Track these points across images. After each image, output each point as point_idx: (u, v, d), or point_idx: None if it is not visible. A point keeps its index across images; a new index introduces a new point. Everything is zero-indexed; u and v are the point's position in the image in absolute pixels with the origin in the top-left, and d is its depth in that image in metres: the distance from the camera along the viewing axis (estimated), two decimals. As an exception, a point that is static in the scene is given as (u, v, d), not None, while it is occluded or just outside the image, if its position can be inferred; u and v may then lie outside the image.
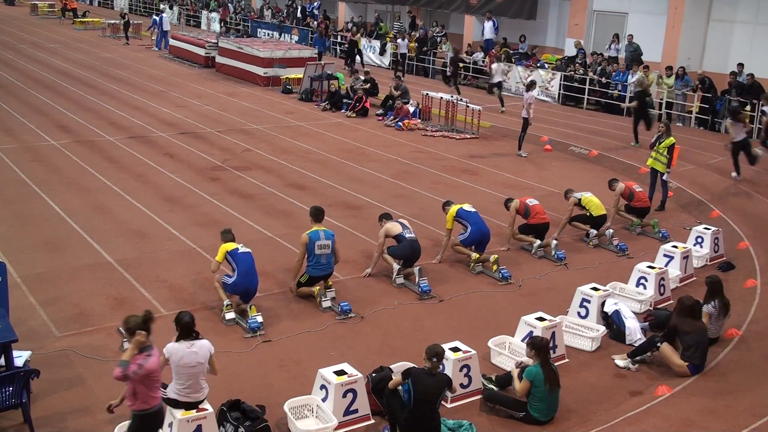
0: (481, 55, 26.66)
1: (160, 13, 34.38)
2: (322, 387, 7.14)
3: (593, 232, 12.04)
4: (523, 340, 8.30)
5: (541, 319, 8.49)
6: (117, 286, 9.75)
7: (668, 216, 13.57)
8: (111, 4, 52.00)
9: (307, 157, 16.58)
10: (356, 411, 7.11)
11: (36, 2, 46.49)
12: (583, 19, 26.47)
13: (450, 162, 16.68)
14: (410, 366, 7.19)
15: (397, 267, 10.21)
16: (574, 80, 23.24)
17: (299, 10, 36.61)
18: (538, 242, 11.50)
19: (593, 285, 9.54)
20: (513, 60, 25.64)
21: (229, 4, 42.05)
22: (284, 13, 38.39)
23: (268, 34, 34.42)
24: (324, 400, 7.08)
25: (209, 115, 20.29)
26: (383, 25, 33.43)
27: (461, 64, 25.43)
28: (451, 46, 26.48)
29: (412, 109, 20.54)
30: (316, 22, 33.76)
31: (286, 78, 24.68)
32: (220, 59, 27.88)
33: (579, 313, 9.34)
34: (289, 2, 39.35)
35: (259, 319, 8.76)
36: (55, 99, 21.46)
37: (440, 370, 6.82)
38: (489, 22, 27.84)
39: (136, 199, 13.11)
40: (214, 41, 29.15)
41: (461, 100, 19.45)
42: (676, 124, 20.23)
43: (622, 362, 8.43)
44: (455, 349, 7.65)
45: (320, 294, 9.40)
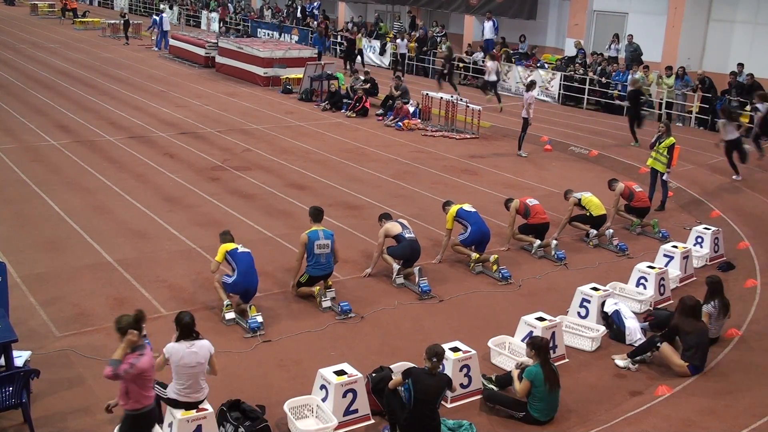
0: (481, 55, 26.65)
1: (160, 13, 34.37)
2: (322, 387, 7.14)
3: (593, 232, 12.05)
4: (523, 340, 8.30)
5: (541, 319, 8.50)
6: (117, 286, 9.75)
7: (668, 216, 13.57)
8: (111, 4, 51.98)
9: (307, 157, 16.57)
10: (356, 411, 7.11)
11: (36, 2, 46.47)
12: (583, 19, 26.47)
13: (450, 162, 16.68)
14: (410, 366, 7.19)
15: (397, 267, 10.20)
16: (574, 80, 23.24)
17: (299, 10, 36.60)
18: (538, 242, 11.50)
19: (593, 285, 9.54)
20: (513, 60, 25.65)
21: (229, 4, 42.03)
22: (284, 13, 38.39)
23: (268, 34, 34.41)
24: (324, 400, 7.08)
25: (209, 115, 20.29)
26: (383, 25, 33.42)
27: (455, 63, 25.39)
28: (445, 45, 26.46)
29: (412, 109, 20.54)
30: (316, 22, 33.76)
31: (286, 78, 24.68)
32: (220, 59, 27.88)
33: (579, 313, 9.34)
34: (289, 2, 39.34)
35: (259, 319, 8.77)
36: (55, 99, 21.46)
37: (440, 370, 6.82)
38: (489, 22, 27.83)
39: (136, 199, 13.11)
40: (214, 41, 29.16)
41: (461, 99, 19.45)
42: (676, 124, 20.24)
43: (622, 362, 8.43)
44: (455, 349, 7.65)
45: (320, 294, 9.40)
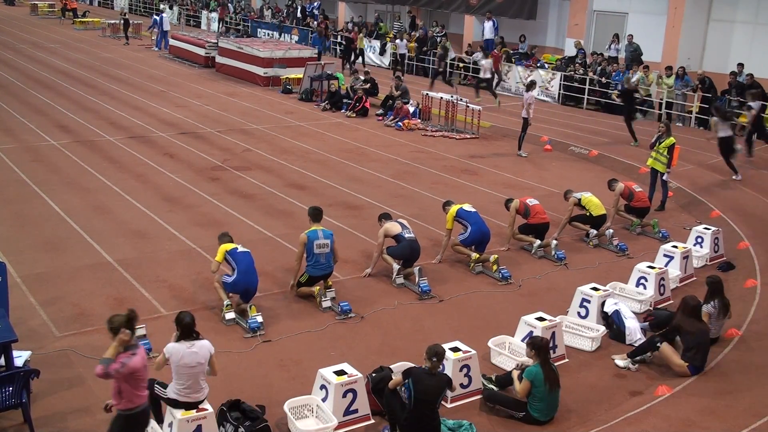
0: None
1: (160, 13, 34.39)
2: (322, 387, 7.14)
3: (593, 232, 12.04)
4: (523, 340, 8.30)
5: (541, 319, 8.50)
6: (117, 286, 9.75)
7: (668, 216, 13.56)
8: (111, 4, 51.99)
9: (307, 157, 16.57)
10: (356, 411, 7.11)
11: (36, 2, 46.47)
12: (583, 19, 26.47)
13: (450, 162, 16.68)
14: (410, 366, 7.19)
15: (397, 267, 10.20)
16: (574, 80, 23.23)
17: (299, 10, 36.61)
18: (538, 242, 11.49)
19: (593, 285, 9.54)
20: (513, 60, 25.65)
21: (229, 4, 42.02)
22: (284, 13, 38.38)
23: (268, 34, 34.42)
24: (324, 400, 7.07)
25: (209, 115, 20.29)
26: (383, 25, 33.42)
27: (447, 62, 25.36)
28: (442, 44, 26.45)
29: (412, 109, 20.54)
30: (316, 22, 33.76)
31: (286, 78, 24.68)
32: (220, 59, 27.88)
33: (579, 313, 9.34)
34: (289, 2, 39.34)
35: (259, 319, 8.77)
36: (55, 99, 21.45)
37: (440, 370, 6.83)
38: (489, 22, 27.84)
39: (136, 199, 13.11)
40: (214, 41, 29.16)
41: (461, 99, 19.45)
42: (676, 124, 20.24)
43: (622, 362, 8.43)
44: (455, 349, 7.65)
45: (320, 294, 9.40)
